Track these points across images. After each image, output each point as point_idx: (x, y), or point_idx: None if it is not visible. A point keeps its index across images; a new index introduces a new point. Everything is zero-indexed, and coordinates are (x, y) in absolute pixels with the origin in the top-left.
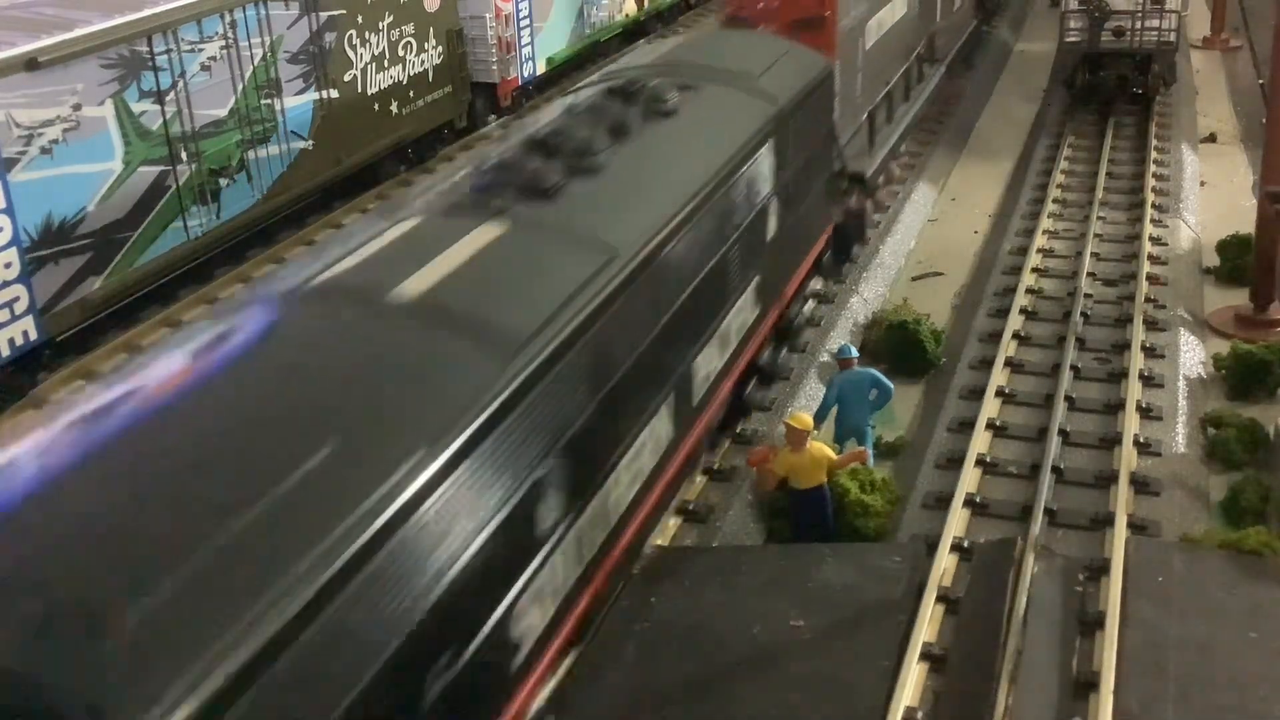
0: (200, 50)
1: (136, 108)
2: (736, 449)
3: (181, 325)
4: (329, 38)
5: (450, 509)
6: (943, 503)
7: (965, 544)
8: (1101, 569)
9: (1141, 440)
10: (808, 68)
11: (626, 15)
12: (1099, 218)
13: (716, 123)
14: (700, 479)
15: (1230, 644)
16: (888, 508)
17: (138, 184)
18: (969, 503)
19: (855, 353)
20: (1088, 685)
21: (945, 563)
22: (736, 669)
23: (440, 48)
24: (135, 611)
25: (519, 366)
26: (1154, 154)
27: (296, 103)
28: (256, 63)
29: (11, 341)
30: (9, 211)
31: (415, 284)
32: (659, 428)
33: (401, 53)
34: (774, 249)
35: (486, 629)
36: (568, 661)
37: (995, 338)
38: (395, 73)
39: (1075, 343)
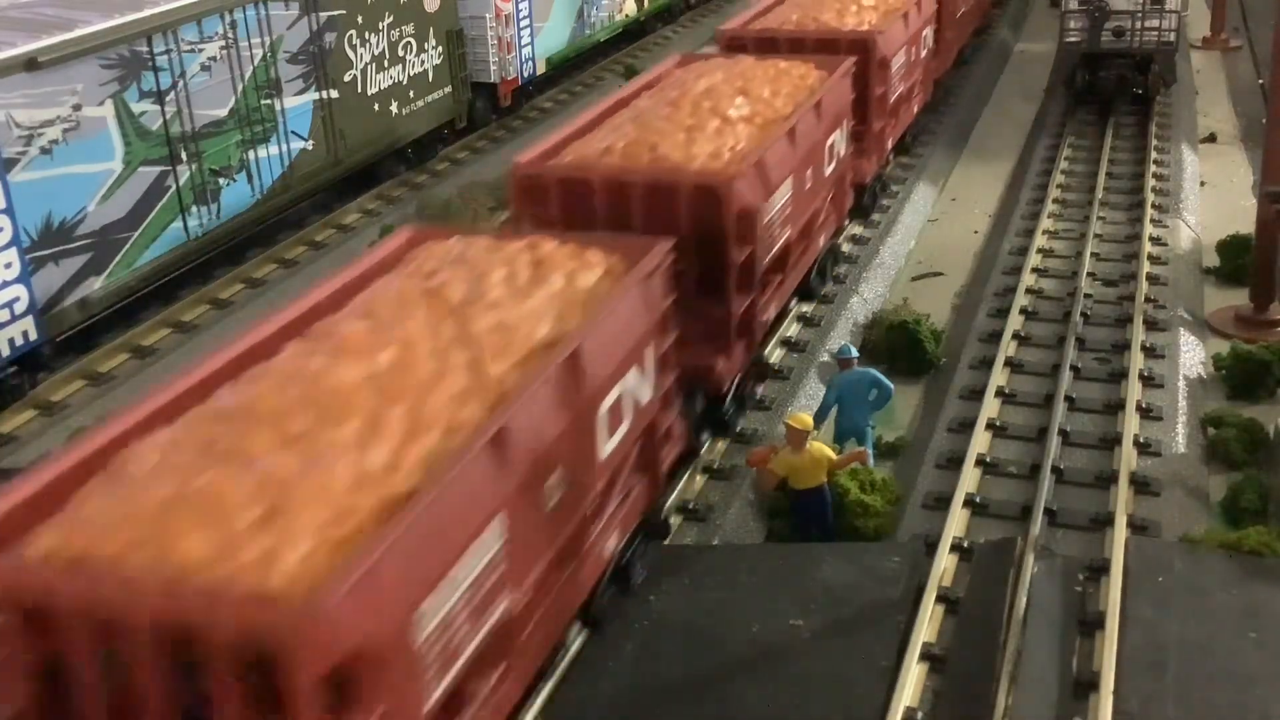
0: (200, 50)
1: (136, 108)
2: (736, 449)
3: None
4: (329, 38)
5: None
6: (943, 503)
7: (965, 544)
8: (1101, 569)
9: (1141, 440)
10: None
11: (626, 15)
12: (1099, 218)
13: None
14: (700, 479)
15: (1230, 644)
16: (888, 508)
17: (138, 184)
18: (969, 503)
19: (855, 353)
20: (1088, 685)
21: (945, 563)
22: (736, 668)
23: (440, 48)
24: None
25: None
26: (1154, 154)
27: (296, 103)
28: (256, 63)
29: (11, 341)
30: (9, 211)
31: None
32: None
33: (401, 53)
34: None
35: None
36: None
37: (995, 338)
38: (395, 73)
39: (1075, 343)
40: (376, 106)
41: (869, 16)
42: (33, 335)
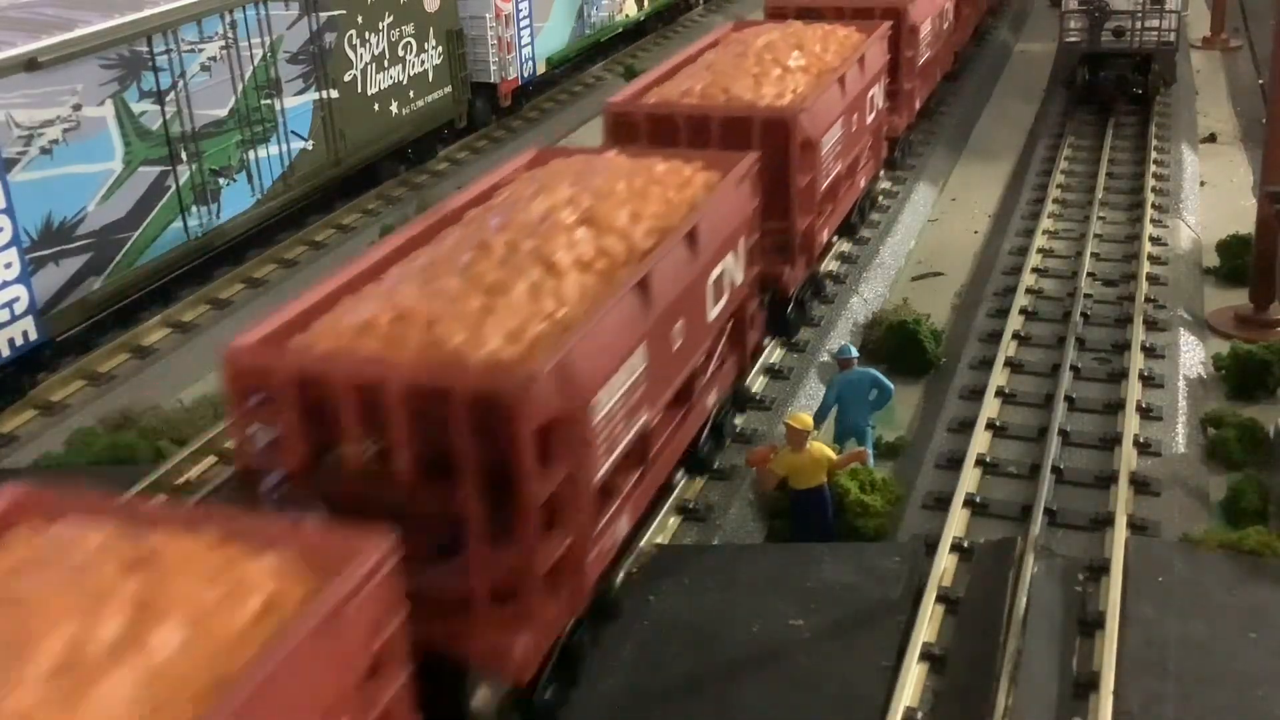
0: (200, 50)
1: (136, 108)
2: (736, 449)
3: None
4: (329, 38)
5: None
6: (943, 503)
7: (965, 544)
8: (1101, 569)
9: (1141, 440)
10: None
11: (626, 15)
12: (1099, 218)
13: None
14: (700, 479)
15: (1230, 644)
16: (888, 508)
17: (138, 184)
18: (969, 503)
19: (855, 353)
20: (1088, 685)
21: (945, 563)
22: (736, 668)
23: (440, 48)
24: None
25: None
26: (1154, 154)
27: (296, 103)
28: (256, 63)
29: (11, 341)
30: (9, 211)
31: None
32: None
33: (401, 53)
34: None
35: None
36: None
37: (995, 338)
38: (395, 73)
39: (1075, 343)
40: (376, 106)
41: (794, 81)
42: (33, 335)
